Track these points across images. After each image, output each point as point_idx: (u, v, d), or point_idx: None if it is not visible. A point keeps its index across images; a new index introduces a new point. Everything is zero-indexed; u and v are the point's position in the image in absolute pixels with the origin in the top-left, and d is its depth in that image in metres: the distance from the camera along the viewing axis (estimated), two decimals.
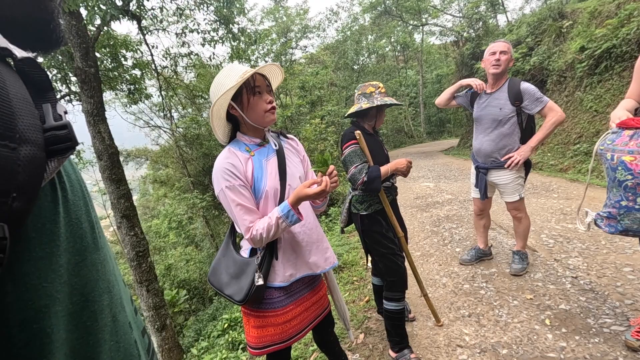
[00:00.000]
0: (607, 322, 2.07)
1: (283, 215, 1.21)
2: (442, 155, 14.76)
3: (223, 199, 1.25)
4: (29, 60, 0.33)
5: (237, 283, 1.30)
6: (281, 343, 1.38)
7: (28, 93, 0.31)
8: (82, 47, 4.91)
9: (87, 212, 0.38)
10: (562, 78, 8.27)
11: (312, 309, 1.48)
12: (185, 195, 13.38)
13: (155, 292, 5.40)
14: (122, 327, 0.41)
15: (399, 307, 1.98)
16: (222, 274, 1.35)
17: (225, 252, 1.40)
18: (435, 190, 6.98)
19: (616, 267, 2.67)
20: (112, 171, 5.18)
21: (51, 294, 0.31)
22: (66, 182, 0.36)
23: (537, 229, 3.74)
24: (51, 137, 0.31)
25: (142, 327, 0.50)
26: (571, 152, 6.88)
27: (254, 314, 1.37)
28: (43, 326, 0.30)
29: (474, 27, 14.69)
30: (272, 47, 17.63)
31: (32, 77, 0.33)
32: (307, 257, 1.40)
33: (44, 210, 0.32)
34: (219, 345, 3.65)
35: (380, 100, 1.96)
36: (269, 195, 1.29)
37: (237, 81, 1.20)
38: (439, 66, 28.91)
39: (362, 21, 22.19)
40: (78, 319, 0.34)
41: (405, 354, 2.00)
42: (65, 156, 0.33)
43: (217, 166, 1.26)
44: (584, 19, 7.83)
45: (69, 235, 0.34)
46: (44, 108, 0.33)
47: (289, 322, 1.38)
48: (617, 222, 1.56)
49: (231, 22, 7.02)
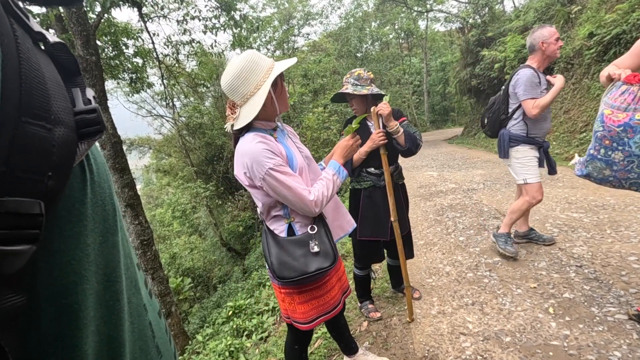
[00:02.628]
0: (611, 310, 2.07)
1: (336, 172, 1.39)
2: (446, 144, 14.67)
3: (271, 180, 1.22)
4: (60, 44, 0.34)
5: (316, 255, 1.32)
6: (326, 314, 1.45)
7: (60, 77, 0.32)
8: (82, 35, 4.86)
9: (110, 194, 0.39)
10: (569, 65, 8.12)
11: (343, 278, 1.59)
12: (188, 185, 13.41)
13: (160, 279, 5.47)
14: (137, 308, 0.43)
15: (362, 273, 2.44)
16: (294, 261, 1.31)
17: (279, 243, 1.35)
18: (439, 180, 6.95)
19: (621, 256, 2.65)
20: (115, 160, 5.18)
21: (79, 271, 0.32)
22: (93, 164, 0.37)
23: (542, 217, 3.73)
24: (81, 120, 0.32)
25: (158, 310, 0.51)
26: (577, 141, 6.80)
27: (296, 291, 1.41)
28: (71, 302, 0.31)
29: (480, 13, 14.38)
30: (275, 34, 17.37)
31: (62, 61, 0.34)
32: (337, 221, 1.56)
33: (73, 190, 0.33)
34: (223, 332, 3.69)
35: (344, 89, 2.11)
36: (301, 171, 1.36)
37: (287, 65, 1.27)
38: (443, 54, 28.47)
39: (366, 7, 21.83)
40: (102, 299, 0.36)
41: (366, 304, 2.54)
42: (94, 139, 0.34)
43: (253, 151, 1.22)
44: (594, 3, 7.63)
45: (95, 215, 0.36)
46: (74, 92, 0.34)
47: (329, 293, 1.46)
48: (584, 167, 1.75)
49: (233, 9, 6.90)
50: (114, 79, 7.63)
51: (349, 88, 2.08)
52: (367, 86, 2.09)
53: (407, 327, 2.28)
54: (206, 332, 4.26)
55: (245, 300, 4.31)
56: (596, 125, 1.66)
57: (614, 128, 1.57)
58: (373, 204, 2.24)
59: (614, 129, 1.58)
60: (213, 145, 14.53)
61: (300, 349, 1.61)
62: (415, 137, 2.09)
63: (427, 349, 2.04)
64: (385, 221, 2.23)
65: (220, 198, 14.09)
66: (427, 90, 26.20)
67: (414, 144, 2.08)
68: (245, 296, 4.71)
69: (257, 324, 3.28)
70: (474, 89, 13.87)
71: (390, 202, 2.09)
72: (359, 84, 2.08)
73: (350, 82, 2.10)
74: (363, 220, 2.24)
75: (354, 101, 2.15)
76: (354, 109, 2.20)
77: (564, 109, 7.87)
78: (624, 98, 1.55)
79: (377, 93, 2.09)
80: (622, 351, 1.74)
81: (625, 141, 1.55)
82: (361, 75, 2.09)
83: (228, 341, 3.07)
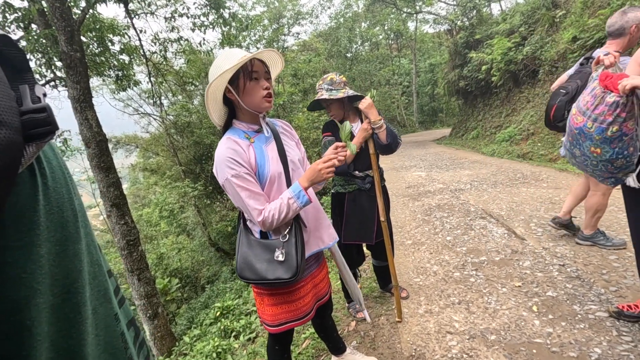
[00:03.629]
0: (592, 308, 2.12)
1: (294, 196, 1.26)
2: (434, 144, 14.84)
3: (229, 188, 1.25)
4: (4, 37, 0.30)
5: (280, 264, 1.28)
6: (297, 320, 1.43)
7: (3, 73, 0.29)
8: (66, 31, 4.74)
9: (69, 199, 0.36)
10: (553, 68, 8.30)
11: (320, 286, 1.55)
12: (176, 184, 13.21)
13: (146, 280, 5.38)
14: (106, 319, 0.40)
15: None
16: (257, 263, 1.30)
17: (250, 243, 1.34)
18: (427, 180, 7.02)
19: (602, 255, 2.73)
20: (100, 159, 5.08)
21: (31, 285, 0.30)
22: (46, 168, 0.34)
23: (527, 217, 3.80)
24: (29, 120, 0.29)
25: (130, 318, 0.48)
26: (561, 143, 6.95)
27: (267, 293, 1.40)
28: (22, 318, 0.29)
29: (468, 16, 14.59)
30: (264, 33, 17.31)
31: (7, 56, 0.31)
32: (318, 231, 1.47)
33: (22, 197, 0.30)
34: (211, 333, 3.66)
35: (320, 96, 2.08)
36: (273, 180, 1.31)
37: (235, 64, 1.19)
38: (432, 55, 28.80)
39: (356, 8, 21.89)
40: (60, 311, 0.33)
41: (354, 304, 2.51)
42: (44, 141, 0.31)
43: (219, 156, 1.24)
44: (577, 8, 7.82)
45: (50, 224, 0.33)
46: (21, 89, 0.31)
47: (302, 299, 1.43)
48: (563, 149, 1.92)
49: (222, 7, 6.85)
50: (99, 76, 7.46)
51: (324, 94, 2.05)
52: (342, 89, 2.06)
53: (394, 327, 2.30)
54: (194, 334, 4.21)
55: (233, 300, 4.27)
56: (567, 120, 1.77)
57: (574, 129, 1.66)
58: (358, 208, 2.23)
59: (574, 129, 1.66)
60: (201, 144, 14.35)
61: (282, 350, 1.57)
62: (395, 134, 2.09)
63: (414, 348, 2.05)
64: (371, 224, 2.23)
65: (208, 198, 13.94)
66: (416, 91, 26.44)
67: (395, 141, 2.08)
68: (234, 297, 4.67)
69: (245, 324, 3.26)
70: (461, 90, 14.05)
71: (379, 202, 2.10)
72: (333, 88, 2.05)
73: (325, 88, 2.06)
74: (348, 225, 2.22)
75: (332, 107, 2.12)
76: (332, 114, 2.15)
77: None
78: (587, 100, 1.59)
79: (353, 95, 2.07)
80: (602, 348, 1.79)
81: (580, 143, 1.65)
82: (334, 80, 2.07)
83: (216, 342, 3.04)
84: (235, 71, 1.23)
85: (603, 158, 1.56)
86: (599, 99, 1.52)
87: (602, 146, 1.54)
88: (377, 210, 2.22)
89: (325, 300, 1.59)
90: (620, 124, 1.46)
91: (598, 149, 1.56)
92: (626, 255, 2.64)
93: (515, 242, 3.23)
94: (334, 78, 2.07)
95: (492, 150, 9.27)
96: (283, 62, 1.43)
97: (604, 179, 1.69)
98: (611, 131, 1.48)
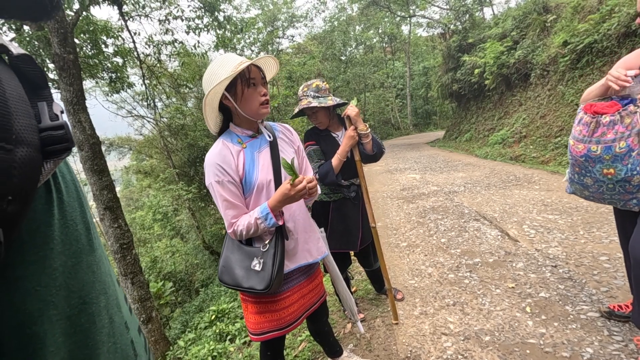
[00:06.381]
0: (584, 308, 2.16)
1: (262, 217, 1.22)
2: (428, 147, 14.94)
3: (212, 191, 1.27)
4: (25, 56, 0.31)
5: (256, 274, 1.27)
6: (279, 330, 1.40)
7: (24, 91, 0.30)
8: (59, 33, 4.71)
9: (82, 213, 0.37)
10: (545, 72, 8.43)
11: (309, 297, 1.51)
12: (170, 187, 13.14)
13: (140, 284, 5.33)
14: (119, 327, 0.41)
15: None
16: (236, 269, 1.30)
17: (233, 248, 1.35)
18: (421, 182, 7.07)
19: (593, 256, 2.77)
20: (93, 162, 5.03)
21: (45, 297, 0.30)
22: (61, 183, 0.35)
23: (519, 219, 3.85)
24: (47, 137, 0.30)
25: (138, 326, 0.49)
26: (552, 145, 7.06)
27: (251, 301, 1.39)
28: (36, 331, 0.29)
29: (461, 20, 14.74)
30: (259, 36, 17.31)
31: (27, 74, 0.32)
32: (307, 244, 1.44)
33: (38, 212, 0.31)
34: (206, 336, 3.64)
35: (307, 103, 1.97)
36: (261, 188, 1.30)
37: (232, 72, 1.18)
38: (425, 58, 29.03)
39: (350, 11, 22.02)
40: (76, 322, 0.33)
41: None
42: (61, 157, 0.32)
43: (209, 159, 1.26)
44: (568, 13, 7.96)
45: (64, 237, 0.33)
46: (40, 107, 0.32)
47: (286, 309, 1.41)
48: (570, 185, 1.84)
49: (216, 10, 6.85)
50: (92, 78, 7.41)
51: (312, 102, 1.96)
52: (328, 96, 2.01)
53: (390, 329, 2.31)
54: (188, 337, 4.19)
55: (228, 304, 4.26)
56: (568, 153, 1.72)
57: (578, 158, 1.62)
58: (342, 216, 2.20)
59: (578, 158, 1.62)
60: (196, 146, 14.28)
61: (274, 355, 1.55)
62: (380, 143, 2.08)
63: (410, 350, 2.07)
64: (355, 232, 2.22)
65: (202, 200, 13.86)
66: (409, 94, 26.61)
67: (380, 151, 2.07)
68: (229, 300, 4.65)
69: (240, 327, 3.25)
70: (455, 93, 14.18)
71: (368, 209, 2.10)
72: (320, 95, 1.99)
73: (311, 95, 1.99)
74: (332, 233, 2.19)
75: (319, 114, 2.05)
76: (318, 122, 2.09)
77: (540, 114, 8.15)
78: (580, 129, 1.59)
79: (340, 102, 2.05)
80: (594, 347, 1.82)
81: (590, 169, 1.60)
82: (320, 87, 2.01)
83: (211, 346, 3.03)
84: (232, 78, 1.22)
85: (618, 178, 1.51)
86: (594, 123, 1.53)
87: (614, 165, 1.50)
88: (361, 217, 2.22)
89: (316, 308, 1.56)
90: (625, 139, 1.45)
91: (611, 169, 1.52)
92: (616, 256, 2.69)
93: (508, 244, 3.27)
94: (319, 85, 2.01)
95: (485, 153, 9.36)
96: (278, 67, 1.42)
97: (625, 202, 1.59)
98: (619, 147, 1.47)
